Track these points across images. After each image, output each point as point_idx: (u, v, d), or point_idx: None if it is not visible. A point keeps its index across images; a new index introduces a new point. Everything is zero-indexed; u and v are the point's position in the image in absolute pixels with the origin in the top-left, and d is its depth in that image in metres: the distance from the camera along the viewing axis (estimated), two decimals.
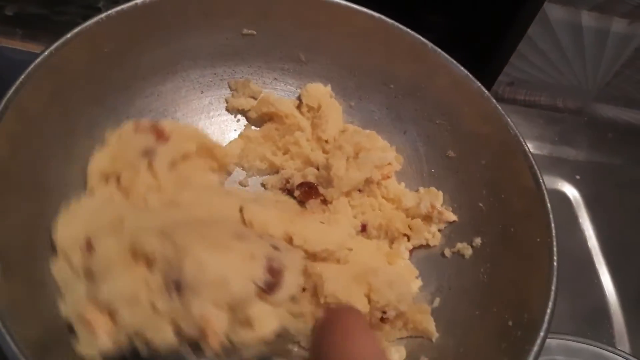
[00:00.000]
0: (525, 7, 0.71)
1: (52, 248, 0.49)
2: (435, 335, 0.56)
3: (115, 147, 0.56)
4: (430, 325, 0.56)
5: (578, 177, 0.82)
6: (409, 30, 0.64)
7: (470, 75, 0.63)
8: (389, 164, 0.63)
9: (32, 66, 0.48)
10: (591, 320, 0.75)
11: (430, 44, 0.64)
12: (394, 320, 0.55)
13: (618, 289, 0.77)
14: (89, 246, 0.47)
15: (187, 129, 0.61)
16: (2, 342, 0.38)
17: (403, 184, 0.66)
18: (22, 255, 0.46)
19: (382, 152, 0.63)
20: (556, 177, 0.81)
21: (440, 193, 0.63)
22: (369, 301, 0.54)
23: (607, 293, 0.76)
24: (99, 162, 0.55)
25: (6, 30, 0.77)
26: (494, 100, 0.61)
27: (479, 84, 0.62)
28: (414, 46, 0.64)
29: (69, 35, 0.52)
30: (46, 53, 0.50)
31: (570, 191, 0.81)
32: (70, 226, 0.49)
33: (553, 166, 0.82)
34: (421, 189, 0.65)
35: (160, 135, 0.57)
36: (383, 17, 0.64)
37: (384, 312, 0.54)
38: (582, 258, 0.77)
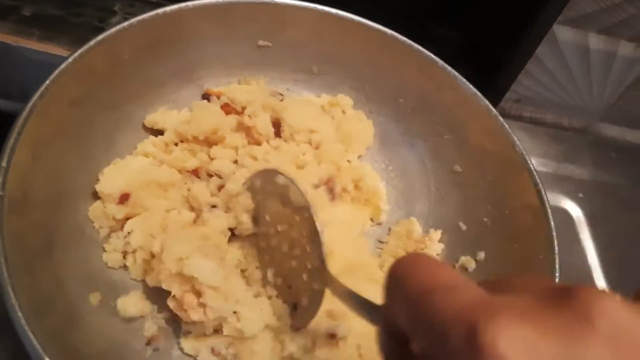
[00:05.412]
0: (535, 27, 0.72)
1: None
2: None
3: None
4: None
5: (581, 195, 0.83)
6: (420, 47, 0.65)
7: (479, 93, 0.64)
8: None
9: (56, 72, 0.50)
10: None
11: (440, 61, 0.65)
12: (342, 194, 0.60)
13: None
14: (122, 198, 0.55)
15: None
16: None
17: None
18: (41, 252, 0.48)
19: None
20: (559, 194, 0.82)
21: (415, 221, 0.65)
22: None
23: None
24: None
25: (23, 30, 0.78)
26: (501, 119, 0.62)
27: (487, 102, 0.63)
28: (424, 63, 0.65)
29: (92, 42, 0.53)
30: (70, 59, 0.51)
31: (573, 209, 0.82)
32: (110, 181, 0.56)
33: (557, 184, 0.83)
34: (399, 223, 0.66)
35: None
36: (395, 34, 0.65)
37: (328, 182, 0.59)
38: (582, 275, 0.78)
